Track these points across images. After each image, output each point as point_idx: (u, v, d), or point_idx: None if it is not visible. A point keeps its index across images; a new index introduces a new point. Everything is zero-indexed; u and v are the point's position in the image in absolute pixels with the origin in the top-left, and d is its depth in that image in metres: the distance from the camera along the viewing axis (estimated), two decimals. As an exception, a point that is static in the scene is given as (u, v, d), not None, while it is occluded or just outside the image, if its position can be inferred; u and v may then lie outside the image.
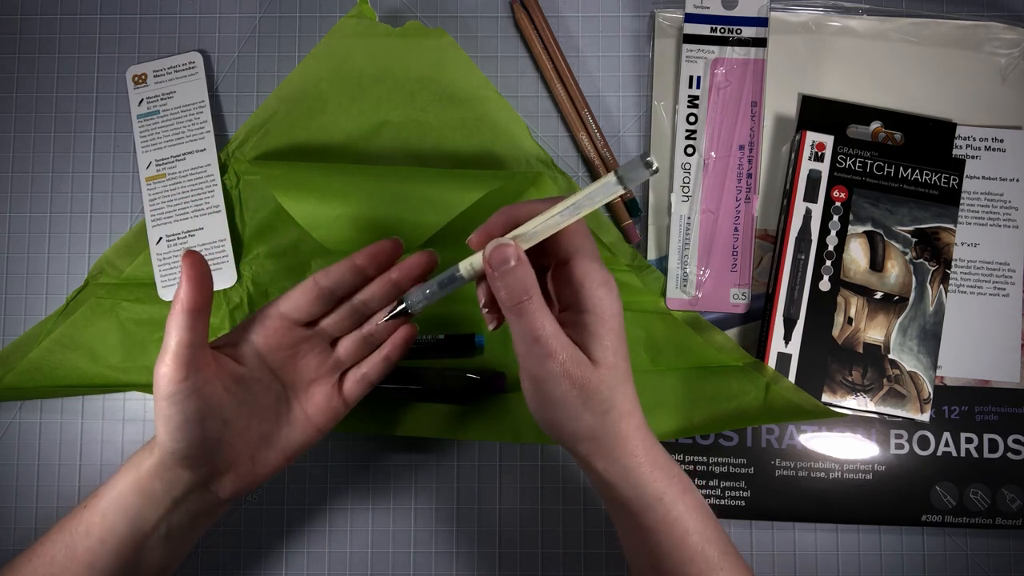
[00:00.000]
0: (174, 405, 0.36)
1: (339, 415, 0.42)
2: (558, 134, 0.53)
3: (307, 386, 0.41)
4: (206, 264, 0.37)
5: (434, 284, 0.38)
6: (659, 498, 0.37)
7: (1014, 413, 0.51)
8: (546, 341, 0.35)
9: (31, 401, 0.51)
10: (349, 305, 0.41)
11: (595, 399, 0.36)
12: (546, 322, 0.35)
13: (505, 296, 0.35)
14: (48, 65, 0.53)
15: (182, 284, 0.36)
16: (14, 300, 0.52)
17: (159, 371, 0.36)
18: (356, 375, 0.42)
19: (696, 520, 0.38)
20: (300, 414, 0.41)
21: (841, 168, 0.51)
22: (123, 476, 0.39)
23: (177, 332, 0.36)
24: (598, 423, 0.36)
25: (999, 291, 0.51)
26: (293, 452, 0.41)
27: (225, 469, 0.39)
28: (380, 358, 0.42)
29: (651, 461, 0.37)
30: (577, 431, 0.36)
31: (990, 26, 0.53)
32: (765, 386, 0.49)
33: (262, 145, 0.52)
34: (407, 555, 0.51)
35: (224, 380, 0.38)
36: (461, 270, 0.37)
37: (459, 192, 0.48)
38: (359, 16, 0.51)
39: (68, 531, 0.39)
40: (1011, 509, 0.50)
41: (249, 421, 0.39)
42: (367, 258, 0.40)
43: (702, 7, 0.52)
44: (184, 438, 0.36)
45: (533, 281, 0.35)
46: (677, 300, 0.51)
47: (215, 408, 0.37)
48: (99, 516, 0.38)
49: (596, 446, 0.37)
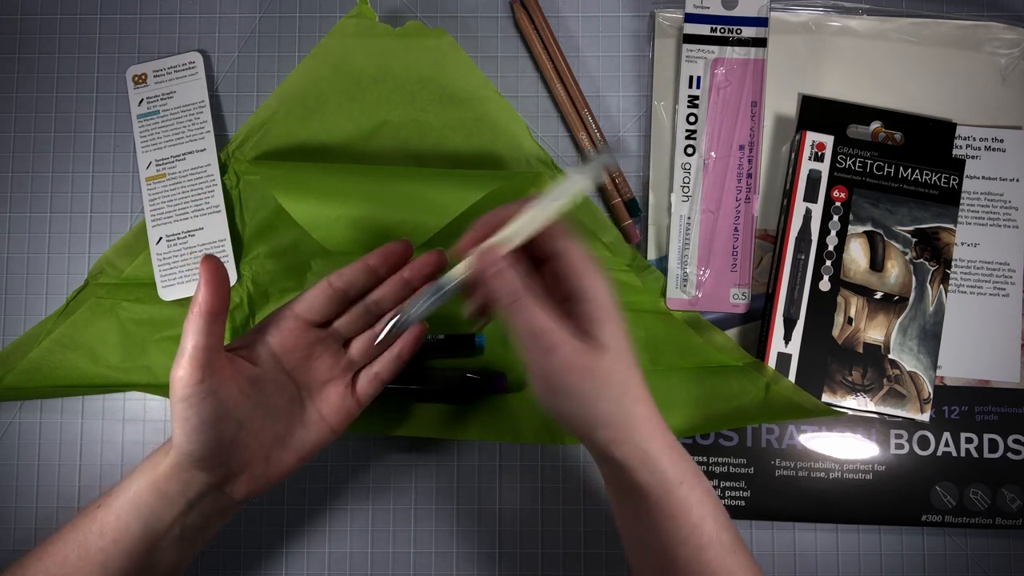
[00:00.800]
0: (190, 407, 0.36)
1: (352, 415, 0.42)
2: (558, 134, 0.53)
3: (321, 387, 0.42)
4: (224, 268, 0.37)
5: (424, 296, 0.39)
6: (680, 482, 0.37)
7: (1014, 413, 0.51)
8: (548, 334, 0.35)
9: (31, 401, 0.51)
10: (362, 305, 0.42)
11: (607, 385, 0.36)
12: (543, 316, 0.35)
13: (501, 296, 0.36)
14: (48, 65, 0.53)
15: (200, 288, 0.36)
16: (14, 300, 0.52)
17: (175, 374, 0.36)
18: (369, 374, 0.42)
19: (711, 505, 0.38)
20: (314, 415, 0.41)
21: (841, 168, 0.51)
22: (138, 477, 0.39)
23: (193, 336, 0.36)
24: (614, 408, 0.36)
25: (999, 291, 0.51)
26: (307, 452, 0.41)
27: (239, 471, 0.39)
28: (392, 356, 0.42)
29: (669, 445, 0.37)
30: (594, 418, 0.36)
31: (990, 26, 0.53)
32: (765, 386, 0.49)
33: (262, 145, 0.52)
34: (407, 555, 0.51)
35: (239, 382, 0.38)
36: (449, 280, 0.38)
37: (459, 192, 0.48)
38: (359, 16, 0.51)
39: (81, 530, 0.39)
40: (1011, 509, 0.50)
41: (264, 422, 0.39)
42: (379, 259, 0.41)
43: (702, 7, 0.52)
44: (200, 440, 0.37)
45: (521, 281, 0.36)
46: (677, 300, 0.51)
47: (230, 410, 0.37)
48: (113, 516, 0.38)
49: (615, 432, 0.36)
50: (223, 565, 0.51)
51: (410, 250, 0.41)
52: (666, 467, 0.37)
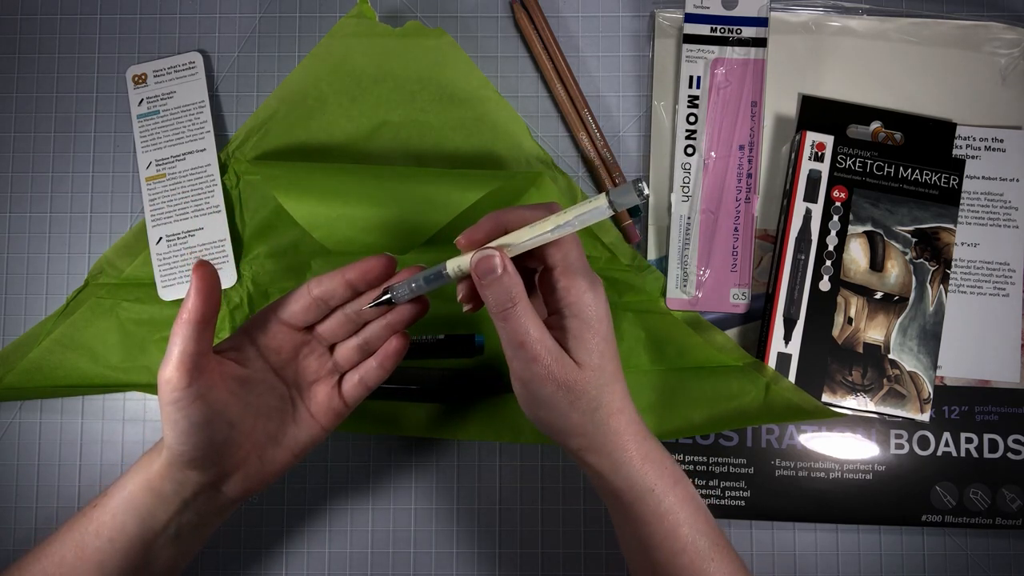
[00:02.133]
0: (179, 411, 0.36)
1: (342, 415, 0.42)
2: (558, 134, 0.53)
3: (309, 386, 0.42)
4: (216, 276, 0.37)
5: (420, 279, 0.39)
6: (650, 489, 0.38)
7: (1014, 413, 0.51)
8: (531, 345, 0.36)
9: (31, 401, 0.51)
10: (343, 314, 0.41)
11: (582, 399, 0.37)
12: (531, 327, 0.36)
13: (492, 303, 0.36)
14: (48, 65, 0.53)
15: (190, 296, 0.36)
16: (14, 300, 0.52)
17: (163, 377, 0.36)
18: (353, 379, 0.42)
19: (687, 512, 0.38)
20: (305, 413, 0.41)
21: (841, 168, 0.51)
22: (133, 476, 0.39)
23: (181, 341, 0.36)
24: (586, 420, 0.37)
25: (999, 291, 0.51)
26: (301, 450, 0.41)
27: (233, 470, 0.39)
28: (375, 365, 0.42)
29: (642, 455, 0.38)
30: (566, 428, 0.38)
31: (990, 26, 0.53)
32: (765, 386, 0.49)
33: (262, 145, 0.52)
34: (407, 555, 0.51)
35: (228, 383, 0.38)
36: (448, 269, 0.38)
37: (459, 192, 0.48)
38: (359, 16, 0.51)
39: (78, 530, 0.39)
40: (1011, 509, 0.50)
41: (255, 422, 0.39)
42: (358, 274, 0.40)
43: (702, 7, 0.52)
44: (191, 441, 0.37)
45: (520, 289, 0.36)
46: (677, 300, 0.51)
47: (220, 411, 0.37)
48: (109, 516, 0.39)
49: (586, 442, 0.38)
50: (223, 565, 0.51)
51: (393, 267, 0.40)
52: (636, 475, 0.38)
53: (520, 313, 0.36)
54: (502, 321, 0.36)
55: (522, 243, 0.36)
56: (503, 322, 0.36)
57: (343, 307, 0.41)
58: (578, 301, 0.37)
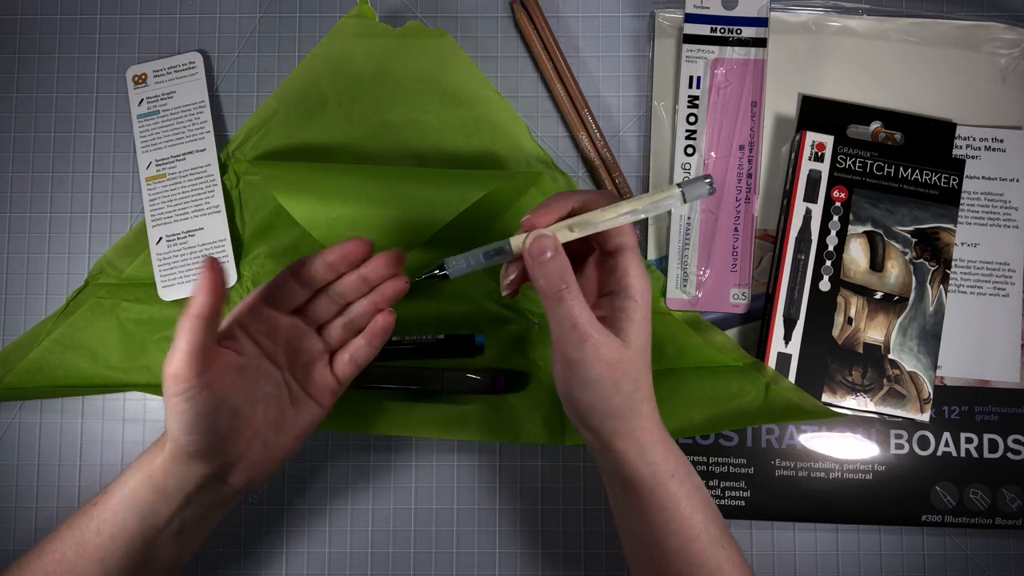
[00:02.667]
0: (187, 401, 0.36)
1: (336, 392, 0.43)
2: (558, 134, 0.53)
3: (303, 367, 0.43)
4: (223, 272, 0.37)
5: (479, 254, 0.40)
6: (672, 475, 0.39)
7: (1014, 413, 0.51)
8: (583, 327, 0.37)
9: (31, 401, 0.51)
10: (326, 296, 0.43)
11: (624, 380, 0.38)
12: (583, 309, 0.37)
13: (544, 284, 0.37)
14: (48, 65, 0.53)
15: (198, 292, 0.36)
16: (14, 300, 0.52)
17: (168, 371, 0.36)
18: (344, 357, 0.43)
19: (701, 500, 0.40)
20: (301, 395, 0.42)
21: (841, 168, 0.51)
22: (134, 473, 0.39)
23: (190, 335, 0.36)
24: (625, 403, 0.38)
25: (999, 291, 0.51)
26: (302, 432, 0.42)
27: (237, 459, 0.39)
28: (364, 343, 0.43)
29: (664, 441, 0.40)
30: (607, 410, 0.38)
31: (990, 26, 0.53)
32: (765, 386, 0.49)
33: (262, 145, 0.52)
34: (407, 555, 0.51)
35: (229, 373, 0.39)
36: (512, 245, 0.39)
37: (459, 192, 0.48)
38: (359, 16, 0.51)
39: (78, 528, 0.39)
40: (1011, 509, 0.50)
41: (256, 408, 0.40)
42: (337, 256, 0.41)
43: (702, 7, 0.52)
44: (197, 431, 0.37)
45: (571, 272, 0.37)
46: (677, 300, 0.51)
47: (224, 400, 0.38)
48: (110, 513, 0.39)
49: (622, 424, 0.39)
50: (223, 565, 0.51)
51: (369, 249, 0.42)
52: (659, 460, 0.39)
53: (573, 295, 0.37)
54: (556, 303, 0.37)
55: (602, 222, 0.38)
56: (557, 304, 0.37)
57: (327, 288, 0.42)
58: (636, 283, 0.39)
